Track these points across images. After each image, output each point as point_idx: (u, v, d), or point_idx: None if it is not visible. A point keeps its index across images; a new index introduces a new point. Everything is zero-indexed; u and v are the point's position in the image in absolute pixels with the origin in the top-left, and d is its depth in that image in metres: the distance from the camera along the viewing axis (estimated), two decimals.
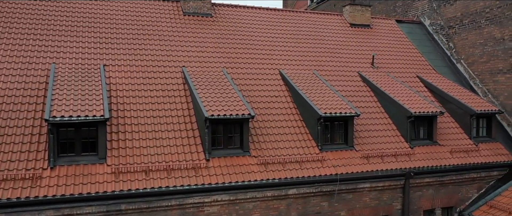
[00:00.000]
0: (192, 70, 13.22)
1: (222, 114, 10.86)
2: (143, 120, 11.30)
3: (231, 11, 16.44)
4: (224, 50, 14.50)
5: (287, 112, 13.01)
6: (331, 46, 16.39)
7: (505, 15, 14.97)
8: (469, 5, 16.63)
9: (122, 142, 10.63)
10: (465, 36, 16.91)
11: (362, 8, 18.24)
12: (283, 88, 13.81)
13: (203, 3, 15.73)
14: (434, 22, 18.72)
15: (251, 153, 11.36)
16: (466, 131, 14.32)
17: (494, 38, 15.48)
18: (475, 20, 16.36)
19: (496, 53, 15.37)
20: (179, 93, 12.42)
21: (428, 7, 19.12)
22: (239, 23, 15.97)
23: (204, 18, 15.63)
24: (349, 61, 15.98)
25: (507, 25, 14.89)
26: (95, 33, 13.49)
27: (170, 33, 14.49)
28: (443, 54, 18.07)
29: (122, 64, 12.74)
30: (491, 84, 15.68)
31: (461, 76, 17.06)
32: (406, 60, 17.01)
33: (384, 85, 14.73)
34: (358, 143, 12.74)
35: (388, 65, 16.42)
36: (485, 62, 15.92)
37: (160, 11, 15.29)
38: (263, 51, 15.06)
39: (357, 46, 16.89)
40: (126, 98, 11.76)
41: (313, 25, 17.28)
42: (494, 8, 15.41)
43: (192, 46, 14.23)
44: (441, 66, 17.46)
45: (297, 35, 16.37)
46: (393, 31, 18.52)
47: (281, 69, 14.49)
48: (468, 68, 16.75)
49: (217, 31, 15.24)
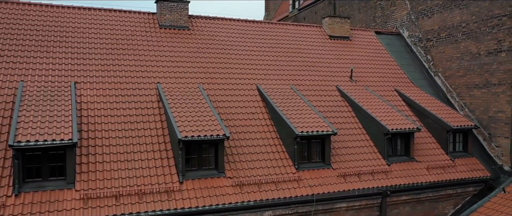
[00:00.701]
0: (167, 87, 12.93)
1: (196, 135, 10.63)
2: (115, 141, 10.98)
3: (208, 23, 16.19)
4: (200, 65, 14.24)
5: (264, 130, 12.84)
6: (310, 59, 16.28)
7: (481, 31, 15.08)
8: (446, 18, 16.72)
9: (92, 165, 10.30)
10: (443, 49, 17.01)
11: (341, 20, 18.20)
12: (260, 104, 13.63)
13: (180, 15, 15.44)
14: (413, 34, 18.81)
15: (226, 174, 11.16)
16: (443, 146, 14.38)
17: (470, 52, 15.59)
18: (452, 34, 16.46)
19: (473, 68, 15.49)
20: (153, 112, 12.13)
21: (406, 19, 19.19)
22: (217, 36, 15.73)
23: (181, 31, 15.34)
24: (328, 74, 15.90)
25: (483, 41, 15.00)
26: (67, 48, 13.08)
27: (145, 47, 14.17)
28: (421, 67, 18.15)
29: (94, 81, 12.37)
30: (467, 98, 15.79)
31: (438, 89, 17.16)
32: (385, 73, 17.02)
33: (362, 100, 14.68)
34: (335, 161, 12.65)
35: (366, 78, 16.40)
36: (462, 76, 16.03)
37: (135, 24, 14.94)
38: (240, 65, 14.85)
39: (336, 59, 16.83)
40: (98, 117, 11.41)
41: (292, 37, 17.16)
42: (470, 23, 15.52)
43: (168, 61, 13.93)
44: (419, 79, 17.53)
45: (276, 48, 16.22)
46: (372, 43, 18.53)
47: (259, 84, 14.31)
48: (446, 81, 16.85)
49: (194, 44, 14.97)
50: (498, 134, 14.49)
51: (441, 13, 16.99)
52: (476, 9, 15.25)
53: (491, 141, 14.77)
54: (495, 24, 14.51)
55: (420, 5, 18.22)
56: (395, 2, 20.01)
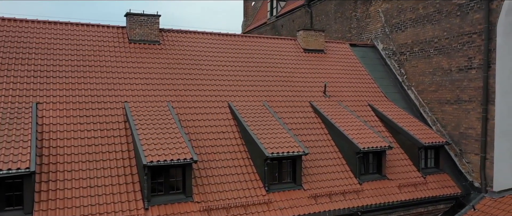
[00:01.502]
0: (135, 106, 12.57)
1: (162, 160, 10.33)
2: (78, 166, 10.58)
3: (180, 37, 15.86)
4: (170, 82, 13.92)
5: (235, 150, 12.60)
6: (284, 74, 16.12)
7: (452, 47, 15.17)
8: (419, 33, 16.79)
9: (52, 193, 9.89)
10: (415, 63, 17.07)
11: (316, 33, 18.10)
12: (232, 122, 13.39)
13: (150, 29, 15.07)
14: (387, 47, 18.85)
15: (194, 199, 10.88)
16: (414, 163, 14.41)
17: (442, 68, 15.67)
18: (424, 49, 16.53)
19: (444, 83, 15.57)
20: (120, 133, 11.76)
21: (381, 32, 19.23)
22: (188, 51, 15.42)
23: (151, 46, 14.98)
24: (302, 90, 15.76)
25: (454, 57, 15.09)
26: (29, 66, 12.58)
27: (113, 63, 13.76)
28: (395, 80, 18.20)
29: (57, 102, 11.92)
30: (439, 113, 15.87)
31: (411, 103, 17.23)
32: (359, 87, 16.99)
33: (335, 116, 14.59)
34: (306, 181, 12.51)
35: (340, 93, 16.33)
36: (434, 91, 16.11)
37: (103, 39, 14.51)
38: (212, 81, 14.58)
39: (310, 73, 16.71)
40: (60, 140, 10.99)
41: (266, 51, 16.96)
42: (442, 38, 15.60)
43: (137, 78, 13.57)
44: (393, 93, 17.56)
45: (249, 63, 16.00)
46: (347, 56, 18.49)
47: (231, 101, 14.07)
48: (418, 95, 16.92)
49: (164, 60, 14.63)
50: (469, 151, 14.59)
51: (414, 28, 17.06)
52: (447, 25, 15.34)
53: (462, 157, 14.87)
54: (465, 41, 14.61)
55: (394, 18, 18.27)
56: (370, 14, 20.03)
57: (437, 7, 15.80)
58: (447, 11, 15.31)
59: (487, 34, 13.69)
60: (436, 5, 15.84)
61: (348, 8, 21.90)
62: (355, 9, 21.22)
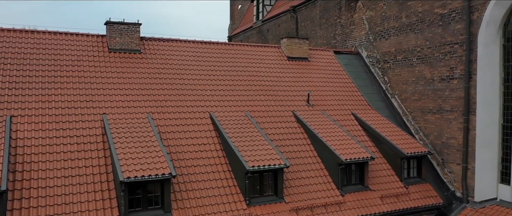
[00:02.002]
0: (114, 118, 12.32)
1: (140, 176, 10.12)
2: (53, 182, 10.31)
3: (161, 46, 15.63)
4: (151, 92, 13.69)
5: (216, 162, 12.43)
6: (267, 82, 15.98)
7: (434, 56, 15.20)
8: (402, 42, 16.81)
9: (26, 211, 9.61)
10: (399, 72, 17.09)
11: (299, 41, 18.01)
12: (213, 134, 13.22)
13: (131, 38, 14.82)
14: (371, 54, 18.85)
15: (173, 214, 10.68)
16: (397, 173, 14.39)
17: (424, 77, 15.70)
18: (407, 58, 16.56)
19: (427, 93, 15.60)
20: (97, 147, 11.51)
21: (365, 39, 19.22)
22: (170, 60, 15.19)
23: (132, 55, 14.73)
24: (285, 99, 15.65)
25: (436, 67, 15.12)
26: (4, 77, 12.26)
27: (92, 73, 13.49)
28: (379, 88, 18.20)
29: (33, 114, 11.62)
30: (422, 122, 15.90)
31: (395, 111, 17.24)
32: (342, 95, 16.93)
33: (318, 127, 14.50)
34: (288, 193, 12.39)
35: (323, 102, 16.25)
36: (417, 100, 16.13)
37: (82, 48, 14.22)
38: (194, 91, 14.39)
39: (294, 81, 16.60)
40: (35, 155, 10.70)
41: (250, 59, 16.81)
42: (425, 48, 15.63)
43: (116, 89, 13.31)
44: (376, 101, 17.55)
45: (232, 72, 15.83)
46: (331, 63, 18.43)
47: (212, 112, 13.89)
48: (402, 104, 16.94)
49: (145, 69, 14.39)
50: (451, 160, 14.63)
51: (398, 36, 17.07)
52: (430, 35, 15.37)
53: (444, 167, 14.90)
54: (447, 51, 14.64)
55: (378, 26, 18.27)
56: (354, 21, 20.02)
57: (419, 16, 15.82)
58: (429, 20, 15.34)
59: (468, 45, 13.73)
60: (418, 14, 15.86)
61: (332, 15, 21.87)
62: (340, 15, 21.20)
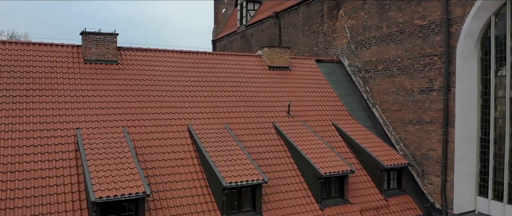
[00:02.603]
0: (88, 133, 12.00)
1: (112, 195, 9.85)
2: (21, 202, 9.96)
3: (139, 56, 15.31)
4: (127, 105, 13.39)
5: (193, 178, 12.21)
6: (248, 93, 15.80)
7: (414, 67, 15.20)
8: (383, 51, 16.79)
9: None
10: (380, 82, 17.07)
11: (281, 50, 17.87)
12: (191, 148, 12.98)
13: (107, 49, 14.49)
14: (352, 63, 18.81)
15: None
16: (377, 185, 14.35)
17: (405, 88, 15.69)
18: (388, 68, 16.54)
19: (407, 104, 15.60)
20: (70, 163, 11.18)
21: (347, 48, 19.18)
22: (148, 70, 14.90)
23: (108, 66, 14.39)
24: (265, 110, 15.48)
25: (416, 78, 15.12)
26: None
27: (66, 86, 13.13)
28: (360, 97, 18.16)
29: (2, 130, 11.24)
30: (402, 133, 15.89)
31: (376, 121, 17.21)
32: (323, 105, 16.84)
33: (298, 138, 14.37)
34: (267, 208, 12.23)
35: (304, 112, 16.13)
36: (397, 110, 16.12)
37: (56, 59, 13.84)
38: (172, 103, 14.12)
39: (275, 92, 16.45)
40: (3, 174, 10.32)
41: (230, 69, 16.60)
42: (405, 58, 15.62)
43: (91, 102, 12.98)
44: (357, 110, 17.51)
45: (212, 82, 15.60)
46: (312, 72, 18.33)
47: (191, 125, 13.65)
48: (383, 114, 16.92)
49: (122, 81, 14.08)
50: (430, 172, 14.64)
51: (378, 46, 17.05)
52: (410, 46, 15.36)
53: (424, 178, 14.91)
54: (427, 62, 14.65)
55: (359, 35, 18.23)
56: (336, 30, 19.97)
57: (400, 27, 15.81)
58: (409, 31, 15.34)
59: (447, 57, 13.75)
60: (399, 25, 15.85)
61: (315, 22, 21.80)
62: (322, 23, 21.14)
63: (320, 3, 21.21)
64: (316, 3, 21.57)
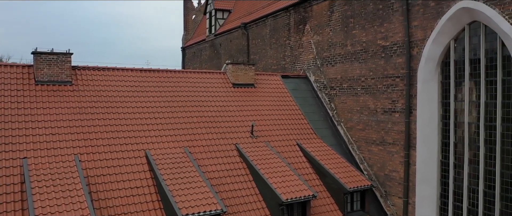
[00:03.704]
0: (36, 163, 11.34)
1: None
2: None
3: (95, 75, 14.67)
4: (80, 130, 12.76)
5: (149, 208, 11.71)
6: (210, 113, 15.39)
7: (377, 88, 15.15)
8: (347, 70, 16.70)
9: None
10: (344, 100, 16.98)
11: (245, 67, 17.53)
12: (148, 175, 12.48)
13: (61, 69, 13.81)
14: (318, 79, 18.67)
15: None
16: (340, 208, 14.20)
17: (369, 108, 15.63)
18: (352, 86, 16.45)
19: (371, 124, 15.54)
20: (14, 198, 10.50)
21: (313, 63, 19.03)
22: (104, 91, 14.28)
23: (61, 87, 13.71)
24: (228, 131, 15.11)
25: (379, 98, 15.07)
26: None
27: (14, 110, 12.40)
28: (326, 114, 18.04)
29: None
30: (366, 153, 15.84)
31: (341, 139, 17.12)
32: (288, 124, 16.60)
33: (260, 161, 14.07)
34: None
35: (268, 132, 15.85)
36: (361, 130, 16.05)
37: (5, 81, 13.07)
38: (129, 126, 13.57)
39: (238, 111, 16.10)
40: None
41: (192, 87, 16.14)
42: (369, 78, 15.56)
43: (41, 128, 12.30)
44: (322, 128, 17.37)
45: (172, 102, 15.11)
46: (278, 89, 18.08)
47: (148, 150, 13.15)
48: (347, 132, 16.83)
49: (76, 104, 13.43)
50: (393, 193, 14.62)
51: (343, 64, 16.95)
52: (373, 66, 15.31)
53: (386, 199, 14.88)
54: (389, 83, 14.62)
55: (325, 51, 18.11)
56: (302, 44, 19.79)
57: (363, 46, 15.74)
58: (373, 51, 15.28)
59: (409, 80, 13.74)
60: (363, 44, 15.78)
61: (282, 35, 21.58)
62: (289, 37, 20.94)
63: (287, 17, 21.01)
64: (283, 17, 21.37)
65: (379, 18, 14.93)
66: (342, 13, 16.84)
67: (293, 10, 20.42)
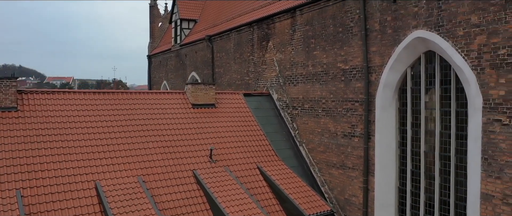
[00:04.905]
0: None
1: None
2: None
3: (44, 99, 13.92)
4: (24, 161, 12.03)
5: None
6: (166, 138, 14.87)
7: (337, 111, 15.01)
8: (309, 90, 16.50)
9: None
10: (306, 120, 16.78)
11: (205, 86, 17.08)
12: (97, 208, 11.87)
13: (5, 94, 13.01)
14: (281, 98, 18.42)
15: None
16: None
17: (329, 130, 15.48)
18: (314, 108, 16.28)
19: (331, 147, 15.39)
20: None
21: (276, 81, 18.76)
22: (52, 116, 13.56)
23: (6, 114, 12.93)
24: (186, 156, 14.63)
25: (339, 122, 14.94)
26: None
27: None
28: (288, 134, 17.80)
29: None
30: (327, 176, 15.69)
31: (303, 160, 16.92)
32: (249, 145, 16.26)
33: (218, 188, 13.67)
34: None
35: (228, 155, 15.47)
36: (322, 152, 15.89)
37: None
38: (78, 155, 12.91)
39: (197, 134, 15.65)
40: None
41: (148, 109, 15.57)
42: (329, 100, 15.41)
43: None
44: (284, 149, 17.12)
45: (126, 127, 14.51)
46: (239, 108, 17.72)
47: (98, 180, 12.53)
48: (309, 154, 16.65)
49: (20, 131, 12.67)
50: None
51: (305, 84, 16.75)
52: (333, 89, 15.16)
53: None
54: (349, 107, 14.49)
55: (287, 70, 17.87)
56: (265, 61, 19.51)
57: (324, 68, 15.58)
58: (333, 74, 15.13)
59: (367, 105, 13.63)
60: (323, 65, 15.61)
61: (246, 50, 21.25)
62: (253, 53, 20.62)
63: (250, 32, 20.68)
64: (246, 32, 21.03)
65: (339, 41, 14.79)
66: (304, 33, 16.64)
67: (256, 26, 20.11)
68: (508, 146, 9.49)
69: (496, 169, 9.76)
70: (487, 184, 9.98)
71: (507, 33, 9.41)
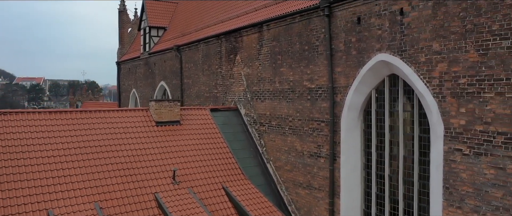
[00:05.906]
0: None
1: None
2: None
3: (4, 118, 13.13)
4: None
5: None
6: (127, 159, 14.26)
7: (303, 130, 14.76)
8: (276, 107, 16.20)
9: None
10: (273, 138, 16.48)
11: (169, 103, 16.53)
12: None
13: None
14: (249, 113, 18.07)
15: None
16: None
17: (296, 149, 15.22)
18: (281, 125, 15.98)
19: (298, 166, 15.14)
20: None
21: (243, 96, 18.39)
22: (2, 140, 12.77)
23: None
24: (147, 178, 14.07)
25: (305, 141, 14.69)
26: None
27: None
28: (256, 150, 17.46)
29: None
30: (294, 195, 15.42)
31: (270, 178, 16.61)
32: (214, 164, 15.81)
33: (180, 212, 13.12)
34: None
35: (192, 176, 14.98)
36: (289, 171, 15.62)
37: None
38: (30, 182, 12.19)
39: (160, 153, 15.10)
40: None
41: (109, 129, 14.93)
42: (296, 119, 15.14)
43: None
44: (251, 166, 16.77)
45: (84, 148, 13.85)
46: (206, 125, 17.25)
47: (51, 209, 11.85)
48: (276, 172, 16.35)
49: None
50: None
51: (272, 101, 16.45)
52: (300, 107, 14.90)
53: None
54: (315, 127, 14.26)
55: (254, 85, 17.53)
56: (233, 75, 19.11)
57: (291, 85, 15.30)
58: (300, 92, 14.87)
59: (332, 126, 13.42)
60: (290, 83, 15.33)
61: (214, 63, 20.80)
62: (221, 66, 20.19)
63: (218, 44, 20.24)
64: (214, 44, 20.58)
65: (305, 59, 14.54)
66: (271, 48, 16.33)
67: (224, 38, 19.68)
68: (469, 177, 9.40)
69: (457, 199, 9.67)
70: (449, 213, 9.88)
71: (467, 62, 9.32)
